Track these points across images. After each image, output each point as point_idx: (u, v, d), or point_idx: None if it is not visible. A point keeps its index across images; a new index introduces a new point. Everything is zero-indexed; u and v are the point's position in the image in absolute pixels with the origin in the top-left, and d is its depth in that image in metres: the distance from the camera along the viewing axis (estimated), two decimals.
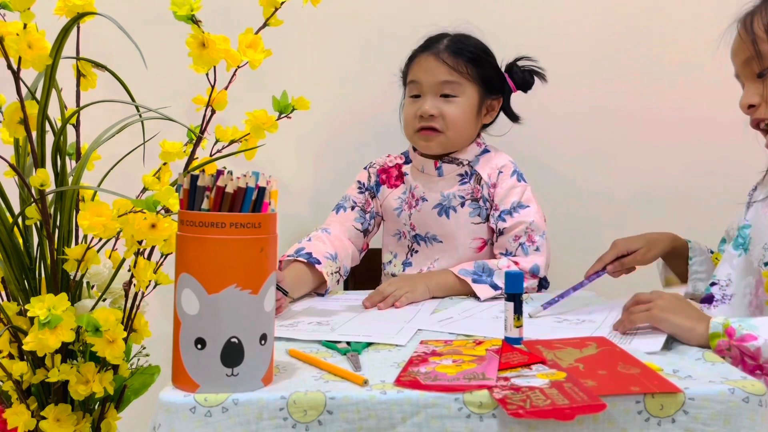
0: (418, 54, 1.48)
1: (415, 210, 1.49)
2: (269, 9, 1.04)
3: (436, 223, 1.48)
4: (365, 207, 1.53)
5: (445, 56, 1.44)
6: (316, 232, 1.45)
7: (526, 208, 1.43)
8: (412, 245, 1.52)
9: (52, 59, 0.93)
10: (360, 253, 1.53)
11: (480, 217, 1.46)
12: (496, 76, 1.49)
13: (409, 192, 1.51)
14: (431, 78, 1.44)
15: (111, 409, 1.07)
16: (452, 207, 1.47)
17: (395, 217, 1.52)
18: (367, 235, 1.54)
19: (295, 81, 1.44)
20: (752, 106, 1.11)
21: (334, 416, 0.77)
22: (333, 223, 1.50)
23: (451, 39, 1.47)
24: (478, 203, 1.46)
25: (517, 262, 1.40)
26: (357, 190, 1.55)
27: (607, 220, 1.84)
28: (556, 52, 1.81)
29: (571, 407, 0.74)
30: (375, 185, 1.55)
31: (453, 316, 1.18)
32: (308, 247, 1.36)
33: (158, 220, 0.95)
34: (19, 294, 1.00)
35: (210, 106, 1.06)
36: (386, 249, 1.57)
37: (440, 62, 1.44)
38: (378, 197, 1.55)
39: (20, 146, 1.03)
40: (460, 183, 1.47)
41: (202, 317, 0.77)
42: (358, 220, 1.52)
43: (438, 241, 1.49)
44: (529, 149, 1.70)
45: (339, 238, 1.45)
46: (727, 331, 0.92)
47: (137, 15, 1.36)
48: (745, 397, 0.78)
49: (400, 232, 1.53)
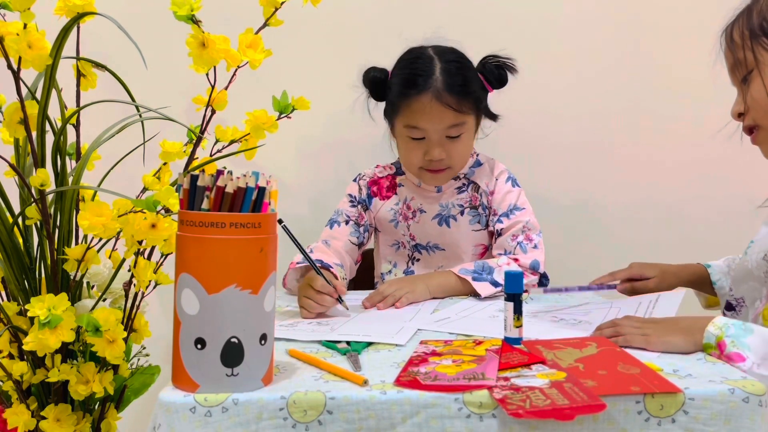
0: (413, 95, 1.36)
1: (414, 221, 1.50)
2: (269, 9, 1.04)
3: (437, 232, 1.49)
4: (359, 220, 1.53)
5: (447, 98, 1.35)
6: (316, 244, 1.45)
7: (522, 209, 1.47)
8: (412, 254, 1.53)
9: (52, 59, 0.93)
10: (356, 265, 1.53)
11: (480, 224, 1.48)
12: (483, 92, 1.43)
13: (403, 203, 1.51)
14: (438, 125, 1.37)
15: (111, 409, 1.07)
16: (452, 216, 1.48)
17: (392, 228, 1.52)
18: (360, 248, 1.54)
19: (295, 81, 1.43)
20: (741, 114, 1.11)
21: (334, 416, 0.77)
22: (329, 238, 1.49)
23: (444, 71, 1.37)
24: (477, 211, 1.48)
25: (517, 258, 1.41)
26: (349, 204, 1.54)
27: (602, 221, 1.84)
28: (554, 53, 1.82)
29: (571, 407, 0.74)
30: (367, 197, 1.54)
31: (450, 316, 1.18)
32: (315, 256, 1.36)
33: (158, 220, 0.95)
34: (19, 294, 1.00)
35: (210, 106, 1.06)
36: (383, 259, 1.57)
37: (443, 107, 1.35)
38: (371, 209, 1.54)
39: (20, 146, 1.03)
40: (458, 192, 1.49)
41: (202, 317, 0.77)
42: (353, 234, 1.51)
43: (440, 249, 1.50)
44: (521, 149, 1.71)
45: (338, 252, 1.46)
46: (719, 344, 0.91)
47: (137, 15, 1.36)
48: (745, 397, 0.78)
49: (398, 243, 1.54)
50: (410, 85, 1.37)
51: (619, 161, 1.84)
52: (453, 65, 1.38)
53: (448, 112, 1.36)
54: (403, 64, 1.43)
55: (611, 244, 1.82)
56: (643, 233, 1.84)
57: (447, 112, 1.36)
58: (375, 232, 1.58)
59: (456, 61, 1.40)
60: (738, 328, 0.92)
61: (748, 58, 1.07)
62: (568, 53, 1.81)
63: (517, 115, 1.58)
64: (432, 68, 1.37)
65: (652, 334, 0.95)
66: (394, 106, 1.43)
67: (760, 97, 1.06)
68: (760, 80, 1.06)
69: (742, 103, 1.11)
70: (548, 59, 1.80)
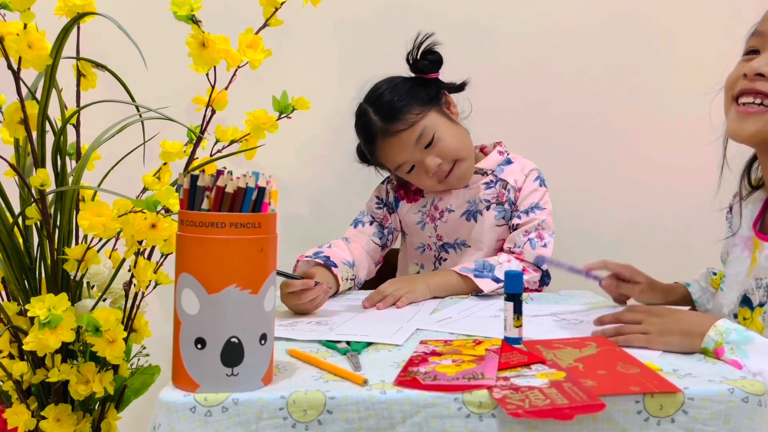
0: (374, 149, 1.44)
1: (441, 222, 1.51)
2: (269, 9, 1.05)
3: (465, 228, 1.50)
4: (383, 222, 1.54)
5: (391, 128, 1.40)
6: (337, 240, 1.46)
7: (542, 209, 1.48)
8: (439, 254, 1.53)
9: (52, 59, 0.93)
10: (376, 266, 1.53)
11: (504, 220, 1.49)
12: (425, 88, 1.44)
13: (431, 205, 1.51)
14: (408, 150, 1.41)
15: (111, 409, 1.07)
16: (479, 211, 1.49)
17: (418, 231, 1.53)
18: (384, 250, 1.55)
19: (295, 81, 1.44)
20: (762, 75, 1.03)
21: (333, 416, 0.77)
22: (351, 236, 1.50)
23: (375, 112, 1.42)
24: (503, 206, 1.49)
25: (522, 252, 1.43)
26: (376, 206, 1.55)
27: (605, 221, 1.84)
28: (555, 50, 1.82)
29: (571, 407, 0.74)
30: (394, 201, 1.55)
31: (452, 315, 1.18)
32: (327, 252, 1.37)
33: (158, 220, 0.95)
34: (19, 294, 1.00)
35: (210, 106, 1.06)
36: (410, 261, 1.58)
37: (395, 137, 1.40)
38: (397, 212, 1.55)
39: (20, 146, 1.03)
40: (486, 188, 1.49)
41: (202, 317, 0.77)
42: (377, 235, 1.52)
43: (467, 245, 1.50)
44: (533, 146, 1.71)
45: (358, 249, 1.46)
46: (717, 350, 0.91)
47: (137, 15, 1.37)
48: (744, 397, 0.78)
49: (424, 245, 1.54)
50: (366, 143, 1.47)
51: (619, 163, 1.84)
52: (379, 101, 1.43)
53: (402, 136, 1.40)
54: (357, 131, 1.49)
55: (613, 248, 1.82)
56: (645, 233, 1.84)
57: (402, 136, 1.40)
58: (402, 236, 1.59)
59: (380, 96, 1.43)
60: (740, 335, 0.91)
61: None
62: (567, 50, 1.80)
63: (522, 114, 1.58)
64: (368, 118, 1.43)
65: (653, 332, 0.95)
66: (378, 165, 1.52)
67: None
68: None
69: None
70: (549, 56, 1.80)
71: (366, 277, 1.48)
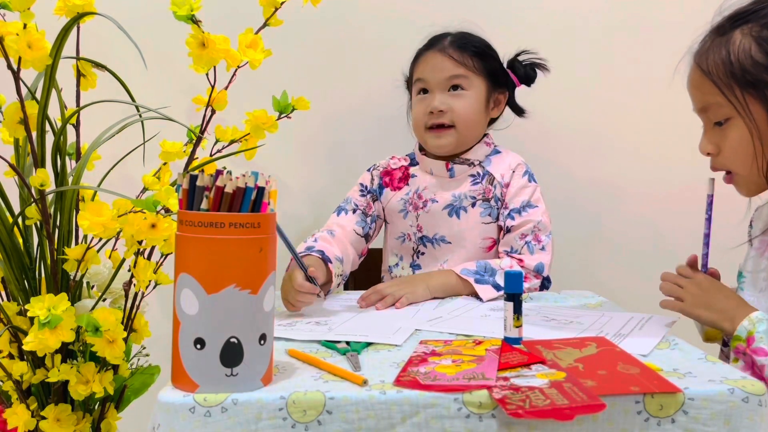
0: (423, 53, 1.50)
1: (423, 211, 1.49)
2: (269, 9, 1.05)
3: (445, 223, 1.48)
4: (366, 210, 1.52)
5: (451, 51, 1.46)
6: (320, 233, 1.44)
7: (535, 207, 1.44)
8: (417, 247, 1.51)
9: (52, 59, 0.94)
10: (359, 258, 1.52)
11: (491, 217, 1.46)
12: (500, 70, 1.51)
13: (414, 193, 1.50)
14: (438, 74, 1.46)
15: (111, 409, 1.07)
16: (463, 207, 1.47)
17: (400, 219, 1.51)
18: (368, 240, 1.53)
19: (295, 81, 1.43)
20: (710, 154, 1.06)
21: (333, 416, 0.77)
22: (335, 226, 1.47)
23: (455, 36, 1.49)
24: (490, 203, 1.46)
25: (522, 259, 1.40)
26: (359, 193, 1.54)
27: (610, 215, 1.83)
28: (559, 46, 1.81)
29: (571, 407, 0.74)
30: (378, 188, 1.54)
31: (442, 315, 1.18)
32: (319, 246, 1.35)
33: (158, 220, 0.95)
34: (19, 294, 1.00)
35: (210, 106, 1.07)
36: (390, 252, 1.56)
37: (446, 57, 1.45)
38: (381, 200, 1.54)
39: (20, 146, 1.03)
40: (472, 183, 1.47)
41: (201, 317, 0.77)
42: (359, 224, 1.50)
43: (446, 242, 1.48)
44: (531, 145, 1.70)
45: (342, 242, 1.44)
46: (748, 338, 0.92)
47: (137, 15, 1.37)
48: (744, 397, 0.78)
49: (404, 235, 1.52)
50: (423, 48, 1.51)
51: (625, 156, 1.83)
52: (466, 34, 1.49)
53: (447, 61, 1.45)
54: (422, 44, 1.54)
55: (612, 248, 1.82)
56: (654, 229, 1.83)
57: (447, 62, 1.45)
58: (384, 225, 1.58)
59: (470, 33, 1.50)
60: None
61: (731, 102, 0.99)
62: (571, 46, 1.80)
63: None
64: (446, 35, 1.49)
65: (688, 302, 1.01)
66: (410, 71, 1.54)
67: (740, 148, 1.01)
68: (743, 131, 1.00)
69: (711, 144, 1.05)
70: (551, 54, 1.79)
71: (351, 269, 1.46)
